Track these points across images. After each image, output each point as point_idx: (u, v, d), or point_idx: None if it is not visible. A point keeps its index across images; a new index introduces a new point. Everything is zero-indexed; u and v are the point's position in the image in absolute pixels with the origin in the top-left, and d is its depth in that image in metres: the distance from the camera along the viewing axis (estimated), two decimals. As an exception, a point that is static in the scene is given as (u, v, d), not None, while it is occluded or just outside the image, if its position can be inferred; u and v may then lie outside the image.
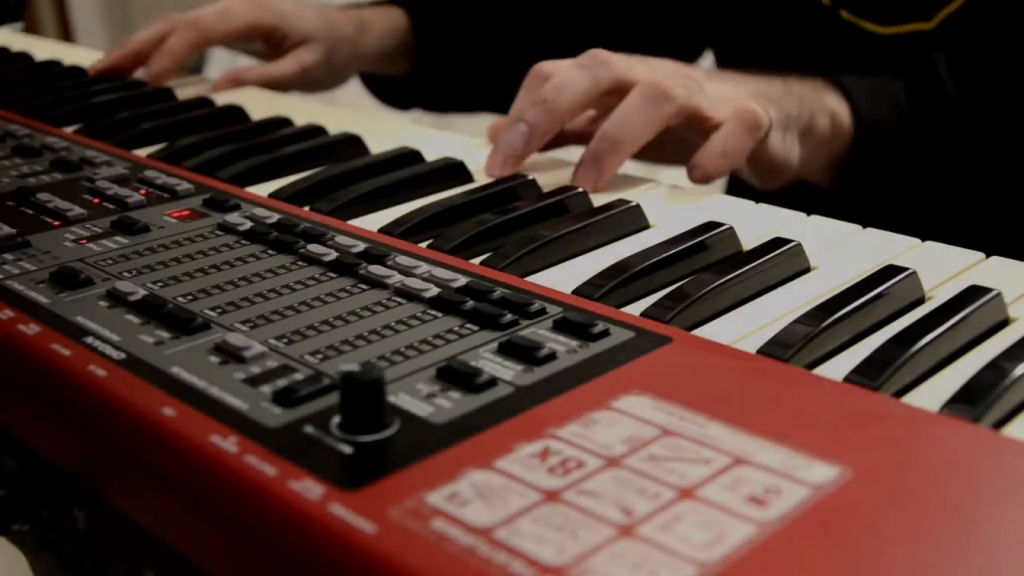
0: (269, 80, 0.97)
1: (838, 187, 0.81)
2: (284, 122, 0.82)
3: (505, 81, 0.69)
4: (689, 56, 1.07)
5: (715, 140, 0.66)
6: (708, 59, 1.11)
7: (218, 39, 0.98)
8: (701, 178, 0.67)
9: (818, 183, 0.80)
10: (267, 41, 1.02)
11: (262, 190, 0.67)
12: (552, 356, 0.42)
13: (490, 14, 1.13)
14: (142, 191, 0.63)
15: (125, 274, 0.51)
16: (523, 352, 0.42)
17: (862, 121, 0.76)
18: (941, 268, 0.53)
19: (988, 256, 0.55)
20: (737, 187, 1.09)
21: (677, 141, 0.70)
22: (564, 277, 0.54)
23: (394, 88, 1.17)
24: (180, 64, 0.96)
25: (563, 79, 0.67)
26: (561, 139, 0.77)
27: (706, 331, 0.48)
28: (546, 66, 0.70)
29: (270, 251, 0.54)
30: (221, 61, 2.62)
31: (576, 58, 0.68)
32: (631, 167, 0.69)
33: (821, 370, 0.44)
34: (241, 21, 0.98)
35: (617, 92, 0.66)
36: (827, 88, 0.77)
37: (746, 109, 0.66)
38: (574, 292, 0.51)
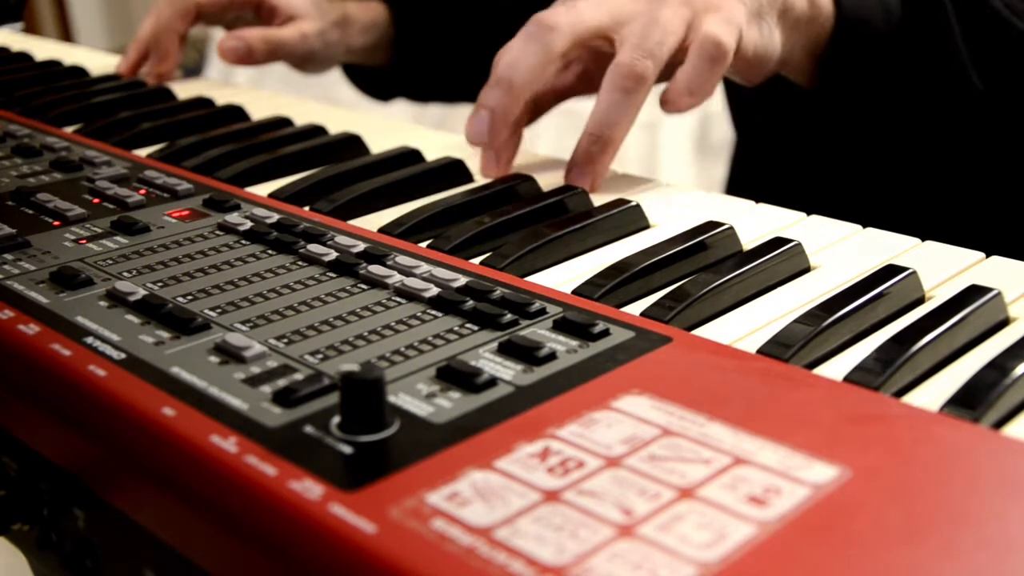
0: (271, 40, 0.96)
1: (821, 92, 0.77)
2: (284, 122, 0.82)
3: (486, 71, 0.69)
4: None
5: (680, 77, 0.65)
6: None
7: (207, 5, 0.98)
8: (674, 112, 0.67)
9: (800, 81, 0.77)
10: (256, 15, 1.01)
11: (262, 190, 0.67)
12: (552, 356, 0.42)
13: (470, 4, 1.13)
14: (142, 191, 0.63)
15: (125, 274, 0.51)
16: (523, 352, 0.42)
17: (843, 9, 0.73)
18: (941, 268, 0.53)
19: (988, 256, 0.55)
20: (737, 187, 1.09)
21: None
22: (564, 277, 0.54)
23: (375, 79, 1.17)
24: (175, 32, 0.95)
25: (514, 56, 0.66)
26: (540, 107, 0.76)
27: (706, 331, 0.48)
28: (503, 49, 0.69)
29: (270, 251, 0.54)
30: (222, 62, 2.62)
31: (523, 29, 0.67)
32: (631, 166, 0.69)
33: (821, 370, 0.44)
34: None
35: (577, 48, 0.66)
36: None
37: (708, 39, 0.64)
38: (574, 292, 0.51)
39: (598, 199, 0.63)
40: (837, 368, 0.44)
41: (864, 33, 0.74)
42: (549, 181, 0.67)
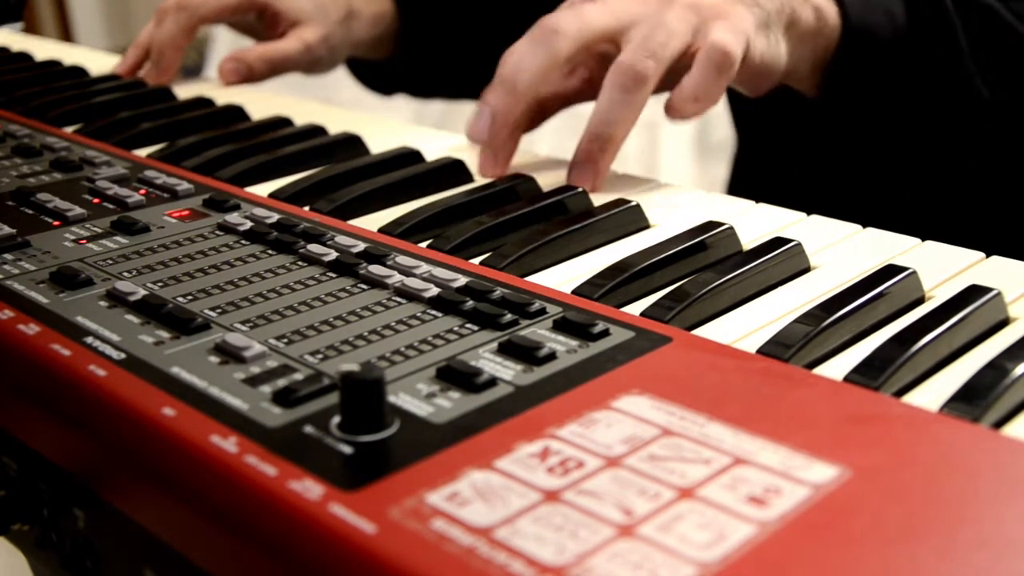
0: (272, 57, 0.96)
1: (825, 102, 0.77)
2: (284, 122, 0.82)
3: (490, 67, 0.68)
4: None
5: (686, 84, 0.65)
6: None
7: (210, 17, 0.97)
8: (678, 119, 0.67)
9: (805, 91, 0.77)
10: (260, 20, 1.01)
11: (262, 190, 0.67)
12: (552, 356, 0.42)
13: (476, 1, 1.13)
14: (142, 191, 0.63)
15: (125, 274, 0.51)
16: (523, 352, 0.42)
17: (850, 21, 0.73)
18: (941, 268, 0.53)
19: (988, 256, 0.55)
20: (738, 187, 1.09)
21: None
22: (564, 277, 0.54)
23: (378, 72, 1.16)
24: (179, 48, 0.95)
25: (519, 58, 0.66)
26: (545, 111, 0.76)
27: (706, 331, 0.48)
28: (508, 51, 0.70)
29: (270, 251, 0.54)
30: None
31: (529, 31, 0.67)
32: (631, 166, 0.69)
33: (821, 370, 0.44)
34: None
35: (582, 52, 0.66)
36: None
37: (716, 46, 0.64)
38: (574, 292, 0.51)
39: (598, 199, 0.63)
40: (837, 368, 0.44)
41: (870, 44, 0.74)
42: (549, 181, 0.67)
